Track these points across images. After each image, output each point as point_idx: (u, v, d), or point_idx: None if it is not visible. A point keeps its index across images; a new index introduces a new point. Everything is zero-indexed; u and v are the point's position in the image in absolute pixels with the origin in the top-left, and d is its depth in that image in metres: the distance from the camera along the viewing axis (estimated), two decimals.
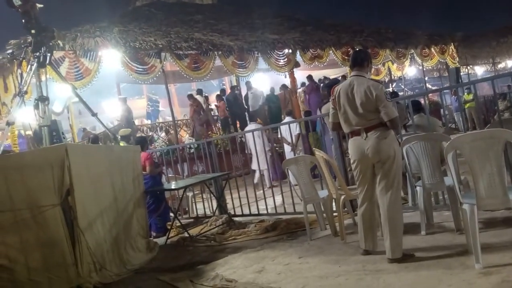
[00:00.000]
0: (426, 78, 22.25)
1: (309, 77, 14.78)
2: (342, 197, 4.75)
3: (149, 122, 17.95)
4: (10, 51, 8.29)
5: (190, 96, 14.22)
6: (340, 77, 14.23)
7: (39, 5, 5.36)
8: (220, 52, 12.41)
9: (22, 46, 7.29)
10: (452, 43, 19.27)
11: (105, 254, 4.67)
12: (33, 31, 5.31)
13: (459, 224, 4.14)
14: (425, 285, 3.24)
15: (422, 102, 6.18)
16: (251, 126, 10.10)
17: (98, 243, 4.58)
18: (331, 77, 14.72)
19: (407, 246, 3.87)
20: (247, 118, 14.04)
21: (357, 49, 8.26)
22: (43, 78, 5.61)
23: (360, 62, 4.04)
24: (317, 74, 16.88)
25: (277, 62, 13.77)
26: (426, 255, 3.75)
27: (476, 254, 3.27)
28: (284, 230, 5.55)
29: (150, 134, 14.74)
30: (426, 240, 4.17)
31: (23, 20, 5.27)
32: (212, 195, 7.30)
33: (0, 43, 9.36)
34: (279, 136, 9.48)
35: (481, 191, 3.25)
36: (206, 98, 15.08)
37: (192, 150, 10.56)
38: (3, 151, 5.41)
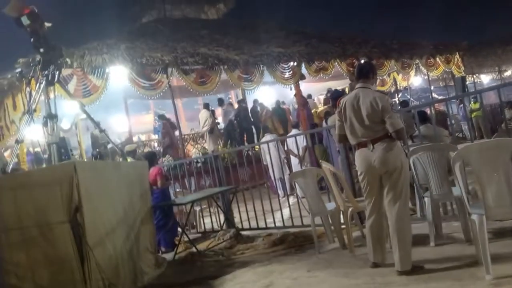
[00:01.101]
0: (432, 88, 22.20)
1: (163, 117, 14.53)
2: (350, 209, 4.73)
3: (156, 137, 18.05)
4: (19, 69, 8.39)
5: (162, 117, 13.99)
6: (348, 82, 14.30)
7: (47, 24, 5.44)
8: (226, 66, 12.48)
9: (31, 64, 7.38)
10: (457, 52, 19.25)
11: (120, 270, 4.67)
12: (41, 50, 5.38)
13: (468, 234, 4.11)
14: None
15: (428, 112, 6.16)
16: (266, 137, 10.21)
17: (108, 259, 4.58)
18: (333, 88, 14.82)
19: (416, 258, 3.84)
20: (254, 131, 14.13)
21: (362, 61, 8.26)
22: (51, 95, 5.66)
23: (365, 74, 4.07)
24: (322, 86, 16.93)
25: (283, 75, 13.82)
26: (436, 267, 3.72)
27: (486, 265, 3.24)
28: (292, 244, 5.52)
29: (158, 148, 14.80)
30: (435, 252, 4.14)
31: (32, 39, 5.34)
32: (219, 209, 7.30)
33: (9, 62, 9.50)
34: (285, 148, 9.50)
35: (490, 200, 3.24)
36: (213, 112, 15.14)
37: (199, 165, 10.59)
38: (12, 169, 5.46)
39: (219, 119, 15.83)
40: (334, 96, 8.41)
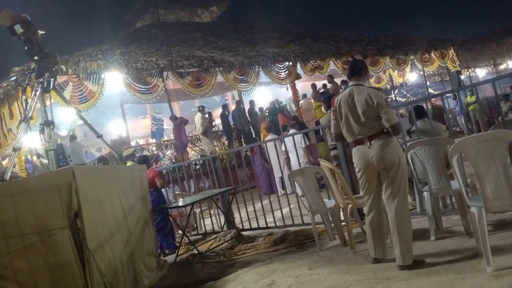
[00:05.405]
0: (428, 83, 22.26)
1: (174, 117, 13.52)
2: (350, 206, 4.73)
3: (154, 140, 18.05)
4: (14, 78, 8.40)
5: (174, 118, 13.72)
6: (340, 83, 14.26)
7: (40, 32, 5.43)
8: (221, 68, 12.52)
9: (26, 72, 7.39)
10: (451, 47, 19.31)
11: (119, 274, 4.66)
12: (36, 58, 5.37)
13: (468, 227, 4.12)
14: None
15: (425, 107, 6.17)
16: (268, 137, 10.30)
17: (110, 263, 4.58)
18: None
19: (417, 252, 3.85)
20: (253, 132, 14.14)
21: (353, 59, 8.27)
22: (47, 103, 5.66)
23: (357, 71, 4.08)
24: (318, 84, 16.96)
25: (278, 75, 13.85)
26: (437, 261, 3.72)
27: (487, 257, 3.25)
28: (293, 242, 5.53)
29: (156, 152, 14.80)
30: (436, 245, 4.14)
31: (26, 47, 5.34)
32: (219, 211, 7.30)
33: (4, 71, 9.52)
34: (282, 148, 9.50)
35: (488, 193, 3.24)
36: (210, 114, 15.15)
37: (198, 167, 10.58)
38: (10, 177, 5.45)
39: (217, 121, 15.84)
40: (325, 97, 8.49)
